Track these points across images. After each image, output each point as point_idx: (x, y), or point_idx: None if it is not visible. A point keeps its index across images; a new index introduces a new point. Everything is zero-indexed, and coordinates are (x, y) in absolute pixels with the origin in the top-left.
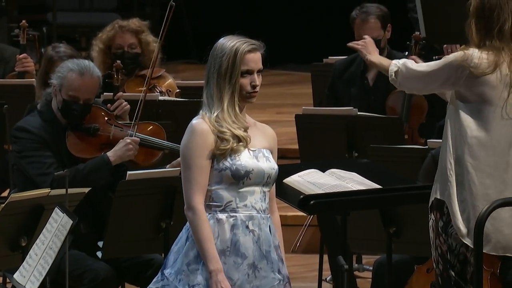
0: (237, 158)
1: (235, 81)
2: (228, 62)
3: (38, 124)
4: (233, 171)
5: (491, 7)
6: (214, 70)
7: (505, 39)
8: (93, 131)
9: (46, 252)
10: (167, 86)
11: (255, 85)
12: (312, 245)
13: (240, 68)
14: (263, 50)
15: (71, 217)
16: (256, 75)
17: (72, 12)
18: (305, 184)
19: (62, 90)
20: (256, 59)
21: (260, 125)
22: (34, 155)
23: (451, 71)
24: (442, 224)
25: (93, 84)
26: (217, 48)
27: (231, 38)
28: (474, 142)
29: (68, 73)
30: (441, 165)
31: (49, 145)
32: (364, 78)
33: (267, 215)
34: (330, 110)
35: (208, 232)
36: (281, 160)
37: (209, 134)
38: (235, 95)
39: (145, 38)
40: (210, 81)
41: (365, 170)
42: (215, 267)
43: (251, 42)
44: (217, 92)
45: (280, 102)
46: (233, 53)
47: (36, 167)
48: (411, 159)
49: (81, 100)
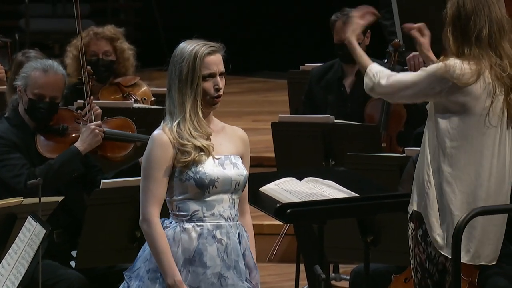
0: (201, 167)
1: (196, 86)
2: (188, 67)
3: (5, 129)
4: (197, 181)
5: (467, 15)
6: (175, 76)
7: (483, 46)
8: (62, 131)
9: (19, 262)
10: (142, 94)
11: (219, 88)
12: (288, 254)
13: (201, 72)
14: (223, 51)
15: (44, 226)
16: (219, 77)
17: (45, 18)
18: (281, 192)
19: (27, 90)
20: (217, 62)
21: (230, 128)
22: (5, 159)
23: (433, 82)
24: (421, 232)
25: (58, 80)
26: (176, 54)
27: (190, 42)
28: (454, 152)
29: (31, 71)
30: (418, 177)
31: (19, 148)
32: (341, 85)
33: (236, 223)
34: (306, 117)
35: (164, 245)
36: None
37: (169, 146)
38: (197, 100)
39: (120, 46)
40: (172, 88)
41: (342, 178)
42: (173, 280)
43: (210, 45)
44: (179, 99)
45: (256, 110)
46: (192, 57)
47: (8, 170)
48: (389, 167)
49: (47, 98)
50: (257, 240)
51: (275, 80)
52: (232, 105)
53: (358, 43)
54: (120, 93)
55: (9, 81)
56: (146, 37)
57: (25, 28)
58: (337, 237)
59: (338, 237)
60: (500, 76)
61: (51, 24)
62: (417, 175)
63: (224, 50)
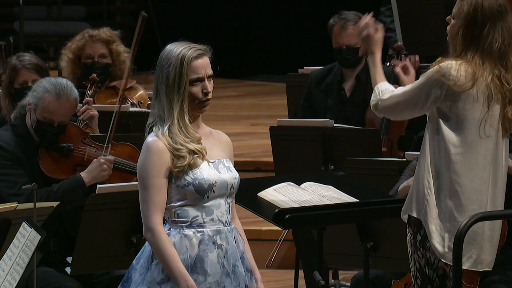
0: (198, 172)
1: (183, 91)
2: (175, 71)
3: (10, 140)
4: (196, 186)
5: (483, 21)
6: (162, 81)
7: (492, 56)
8: (67, 151)
9: (13, 268)
10: (139, 98)
11: (207, 91)
12: (287, 261)
13: (189, 76)
14: (210, 54)
15: (39, 232)
16: (207, 81)
17: (40, 21)
18: (280, 197)
19: (37, 110)
20: (204, 65)
21: (216, 132)
22: (6, 173)
23: (429, 88)
24: (420, 238)
25: (69, 107)
26: (163, 58)
27: (176, 45)
28: (459, 158)
29: (44, 94)
30: (418, 184)
31: (22, 163)
32: (341, 89)
33: (232, 227)
34: (305, 121)
35: (172, 251)
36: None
37: (165, 152)
38: (184, 105)
39: (116, 48)
40: (159, 92)
41: (342, 183)
42: (185, 285)
43: (197, 48)
44: (167, 104)
45: (254, 114)
46: (179, 62)
47: (8, 186)
48: (389, 171)
49: (56, 123)
50: (255, 246)
51: (274, 83)
52: (230, 108)
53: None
54: (116, 96)
55: (3, 84)
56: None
57: (19, 31)
58: (337, 243)
59: (337, 243)
60: (500, 87)
61: (46, 26)
62: (417, 182)
63: (211, 52)
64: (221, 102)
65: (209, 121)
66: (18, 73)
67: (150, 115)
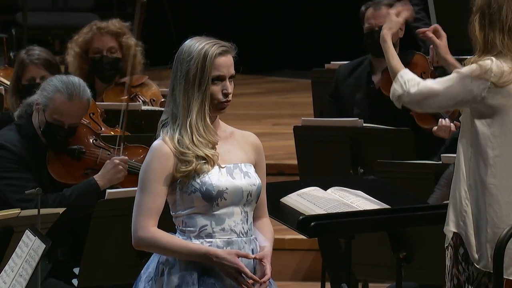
0: (206, 177)
1: (205, 89)
2: (196, 67)
3: (16, 141)
4: (203, 193)
5: (498, 2)
6: (181, 76)
7: None
8: (78, 154)
9: (15, 280)
10: (151, 95)
11: (228, 93)
12: (313, 272)
13: (211, 73)
14: (235, 52)
15: (43, 240)
16: (228, 81)
17: (44, 12)
18: (305, 203)
19: (46, 111)
20: (228, 64)
21: (240, 134)
22: (13, 177)
23: (469, 85)
24: (462, 251)
25: (82, 108)
26: (183, 51)
27: (199, 39)
28: (498, 161)
29: (55, 94)
30: (454, 196)
31: (29, 166)
32: (370, 82)
33: (249, 238)
34: (332, 121)
35: (171, 238)
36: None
37: (169, 157)
38: (205, 104)
39: (126, 42)
40: (176, 89)
41: (372, 188)
42: (203, 255)
43: (222, 44)
44: (184, 101)
45: (276, 113)
46: (202, 57)
47: (16, 191)
48: (424, 175)
49: (66, 125)
50: (278, 256)
51: (298, 79)
52: (250, 107)
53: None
54: (126, 94)
55: (11, 80)
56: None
57: (22, 22)
58: (367, 253)
59: (367, 253)
60: None
61: (51, 18)
62: (453, 193)
63: (236, 51)
64: (241, 100)
65: (228, 120)
66: (26, 69)
67: (164, 112)
